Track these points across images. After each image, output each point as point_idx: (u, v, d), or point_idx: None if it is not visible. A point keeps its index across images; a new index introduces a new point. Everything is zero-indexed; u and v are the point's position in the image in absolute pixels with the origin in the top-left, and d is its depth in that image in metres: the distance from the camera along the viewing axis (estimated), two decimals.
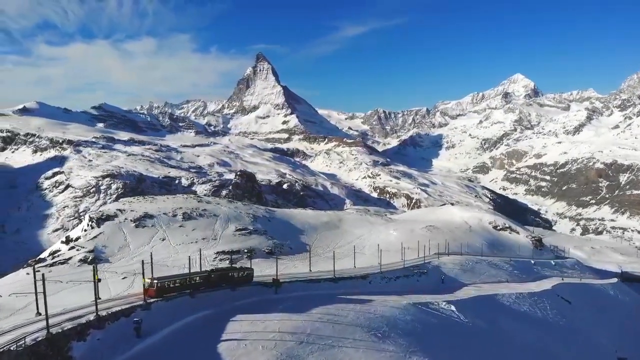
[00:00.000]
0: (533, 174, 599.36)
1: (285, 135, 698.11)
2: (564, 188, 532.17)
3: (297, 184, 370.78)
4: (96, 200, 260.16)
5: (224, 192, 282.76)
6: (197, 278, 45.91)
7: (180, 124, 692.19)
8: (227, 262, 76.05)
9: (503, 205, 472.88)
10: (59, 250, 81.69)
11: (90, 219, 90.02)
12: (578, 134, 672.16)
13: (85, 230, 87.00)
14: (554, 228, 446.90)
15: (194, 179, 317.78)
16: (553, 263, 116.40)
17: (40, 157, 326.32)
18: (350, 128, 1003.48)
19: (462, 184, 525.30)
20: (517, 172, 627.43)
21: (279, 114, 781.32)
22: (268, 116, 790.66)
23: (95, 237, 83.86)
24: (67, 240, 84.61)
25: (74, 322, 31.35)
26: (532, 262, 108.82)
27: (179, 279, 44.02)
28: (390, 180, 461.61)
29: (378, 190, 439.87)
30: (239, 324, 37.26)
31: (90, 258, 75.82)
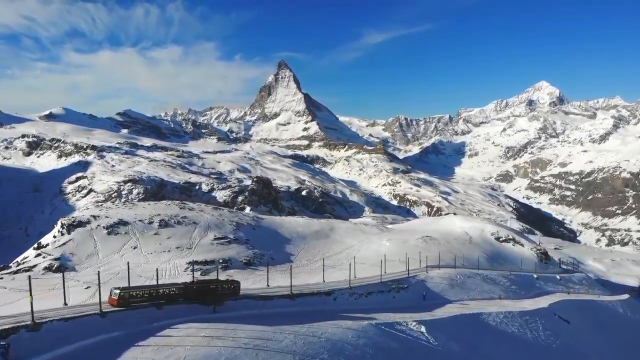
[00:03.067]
0: (558, 183, 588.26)
1: (306, 142, 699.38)
2: (589, 198, 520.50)
3: (316, 191, 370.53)
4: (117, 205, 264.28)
5: (240, 198, 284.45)
6: (174, 290, 43.29)
7: (203, 131, 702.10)
8: (200, 272, 73.14)
9: (526, 214, 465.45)
10: (28, 257, 79.40)
11: (62, 225, 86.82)
12: (604, 142, 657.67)
13: (55, 237, 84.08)
14: (578, 238, 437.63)
15: (214, 185, 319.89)
16: (558, 277, 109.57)
17: (64, 162, 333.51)
18: (371, 135, 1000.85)
19: (484, 193, 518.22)
20: (542, 181, 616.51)
21: (299, 120, 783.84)
22: (289, 123, 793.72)
23: (64, 244, 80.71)
24: (39, 247, 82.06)
25: None
26: (535, 276, 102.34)
27: (149, 290, 41.84)
28: (411, 188, 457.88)
29: (398, 198, 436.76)
30: (141, 350, 32.26)
31: (55, 266, 73.08)
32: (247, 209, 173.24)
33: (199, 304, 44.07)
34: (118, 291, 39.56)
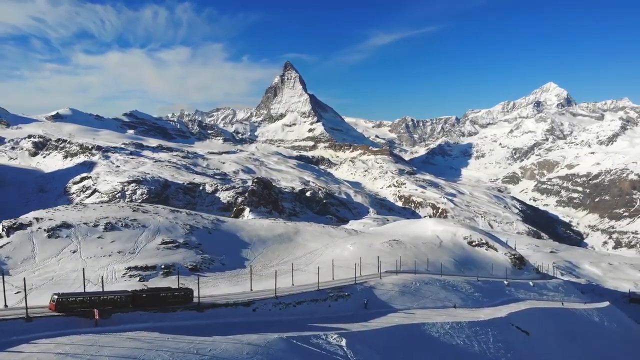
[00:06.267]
0: (565, 185, 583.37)
1: (311, 143, 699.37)
2: (596, 200, 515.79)
3: (320, 192, 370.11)
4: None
5: (240, 199, 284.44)
6: (120, 297, 41.67)
7: (209, 132, 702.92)
8: (138, 278, 70.60)
9: (533, 216, 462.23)
10: None
11: (2, 228, 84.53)
12: (612, 144, 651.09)
13: None
14: (585, 241, 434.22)
15: (217, 186, 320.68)
16: (531, 284, 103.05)
17: (70, 162, 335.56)
18: (377, 136, 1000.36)
19: (490, 194, 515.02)
20: (548, 183, 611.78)
21: (305, 122, 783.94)
22: (294, 124, 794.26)
23: (0, 247, 78.58)
24: None
25: None
26: (505, 282, 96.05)
27: (90, 296, 40.31)
28: (416, 190, 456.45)
29: (403, 200, 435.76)
30: None
31: None
32: (247, 210, 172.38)
33: (80, 316, 39.51)
34: (57, 297, 38.46)
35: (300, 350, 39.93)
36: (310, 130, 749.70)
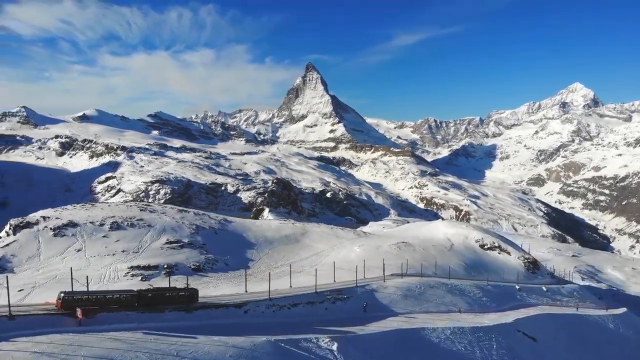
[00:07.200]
0: (591, 187, 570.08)
1: (332, 144, 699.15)
2: (623, 203, 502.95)
3: (340, 193, 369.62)
4: None
5: (259, 200, 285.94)
6: (126, 296, 42.05)
7: (232, 133, 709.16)
8: (140, 278, 70.86)
9: (558, 219, 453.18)
10: None
11: (10, 226, 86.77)
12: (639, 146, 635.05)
13: (1, 237, 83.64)
14: (612, 244, 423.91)
15: (239, 186, 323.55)
16: (544, 289, 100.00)
17: (95, 162, 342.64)
18: (399, 137, 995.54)
19: (515, 197, 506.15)
20: (574, 185, 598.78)
21: (326, 122, 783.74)
22: (315, 125, 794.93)
23: (7, 245, 79.74)
24: None
25: None
26: (517, 287, 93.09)
27: (96, 295, 40.97)
28: (438, 191, 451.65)
29: (425, 201, 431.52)
30: None
31: None
32: (266, 211, 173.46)
33: (60, 315, 39.02)
34: (63, 295, 39.19)
35: (288, 354, 38.49)
36: (331, 131, 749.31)
